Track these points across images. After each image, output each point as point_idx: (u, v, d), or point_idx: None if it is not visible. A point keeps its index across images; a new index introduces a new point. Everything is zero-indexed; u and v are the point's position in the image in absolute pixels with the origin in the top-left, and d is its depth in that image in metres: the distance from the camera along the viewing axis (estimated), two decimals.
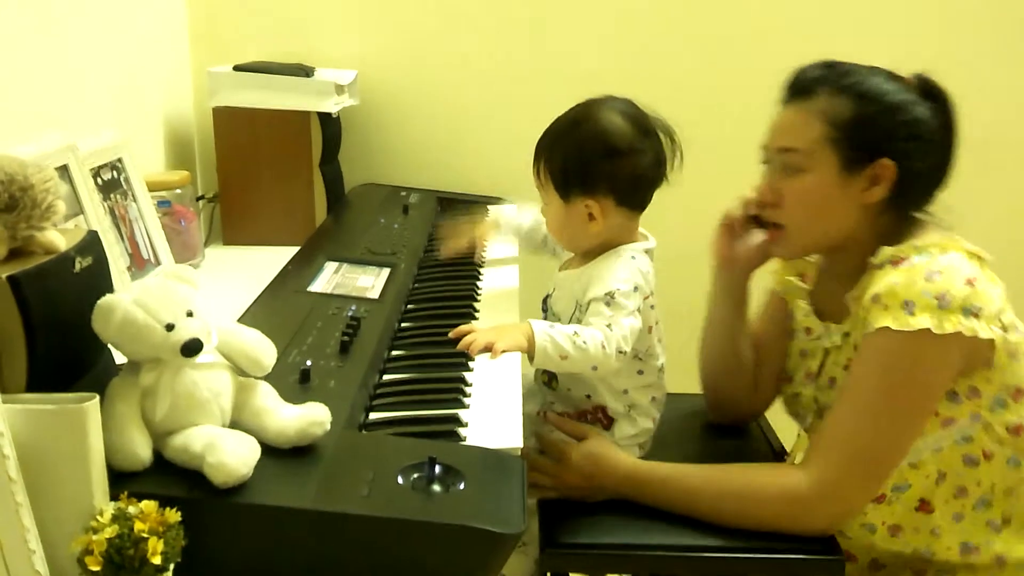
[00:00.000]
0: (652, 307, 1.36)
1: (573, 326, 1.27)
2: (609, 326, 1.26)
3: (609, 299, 1.28)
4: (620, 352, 1.26)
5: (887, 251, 1.27)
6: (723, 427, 1.62)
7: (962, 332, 1.19)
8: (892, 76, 1.32)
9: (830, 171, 1.29)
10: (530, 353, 1.24)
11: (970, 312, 1.20)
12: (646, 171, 1.34)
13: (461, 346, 1.22)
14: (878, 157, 1.27)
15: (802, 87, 1.33)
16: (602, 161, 1.32)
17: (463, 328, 1.26)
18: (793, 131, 1.32)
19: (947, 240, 1.27)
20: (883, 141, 1.28)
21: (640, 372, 1.38)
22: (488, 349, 1.20)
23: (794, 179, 1.32)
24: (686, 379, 1.64)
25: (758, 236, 1.43)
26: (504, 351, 1.21)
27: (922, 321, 1.19)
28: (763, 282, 1.56)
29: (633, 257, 1.35)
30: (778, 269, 1.53)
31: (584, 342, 1.24)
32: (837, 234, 1.33)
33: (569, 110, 1.38)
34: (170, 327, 0.90)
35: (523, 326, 1.25)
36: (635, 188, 1.34)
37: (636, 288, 1.30)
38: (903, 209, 1.32)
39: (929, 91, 1.31)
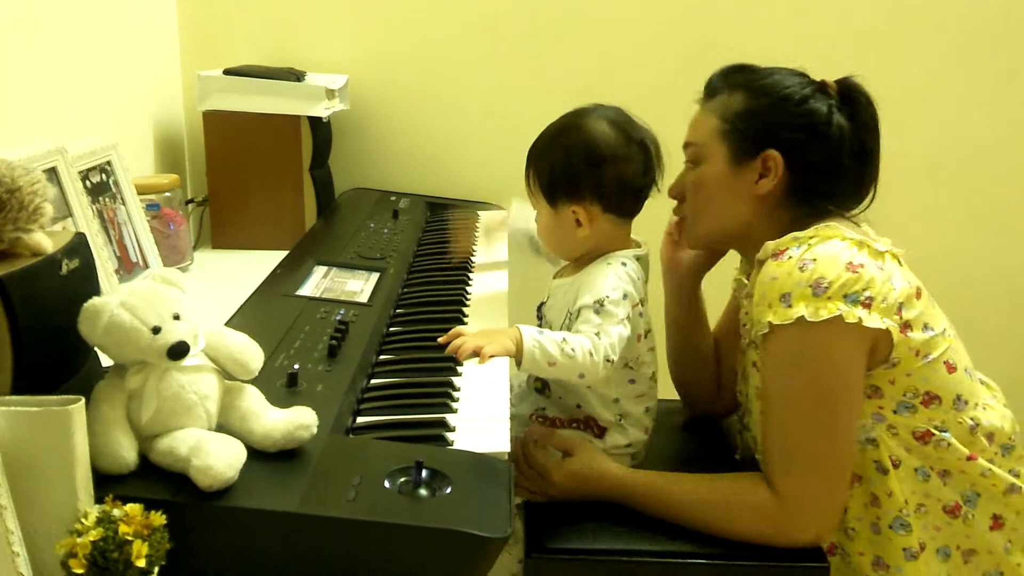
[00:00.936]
0: (641, 315, 1.37)
1: (562, 333, 1.27)
2: (598, 334, 1.26)
3: (599, 307, 1.28)
4: (608, 361, 1.26)
5: (769, 245, 1.28)
6: (702, 424, 1.63)
7: (842, 316, 1.18)
8: (797, 74, 1.34)
9: (721, 163, 1.33)
10: (518, 358, 1.24)
11: (855, 300, 1.19)
12: (632, 178, 1.35)
13: (450, 350, 1.23)
14: (766, 148, 1.30)
15: (709, 88, 1.38)
16: (587, 168, 1.33)
17: (453, 332, 1.27)
18: (694, 128, 1.37)
19: (828, 229, 1.26)
20: (770, 132, 1.30)
21: (632, 381, 1.38)
22: (476, 354, 1.21)
23: (691, 173, 1.37)
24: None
25: None
26: (492, 356, 1.22)
27: (797, 311, 1.19)
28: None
29: (624, 264, 1.35)
30: (735, 269, 1.54)
31: (572, 349, 1.24)
32: (733, 225, 1.36)
33: (558, 119, 1.40)
34: (156, 330, 0.90)
35: (512, 331, 1.25)
36: (622, 195, 1.35)
37: (625, 295, 1.31)
38: (803, 203, 1.32)
39: (848, 93, 1.32)
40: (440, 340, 1.27)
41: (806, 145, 1.29)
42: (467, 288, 1.68)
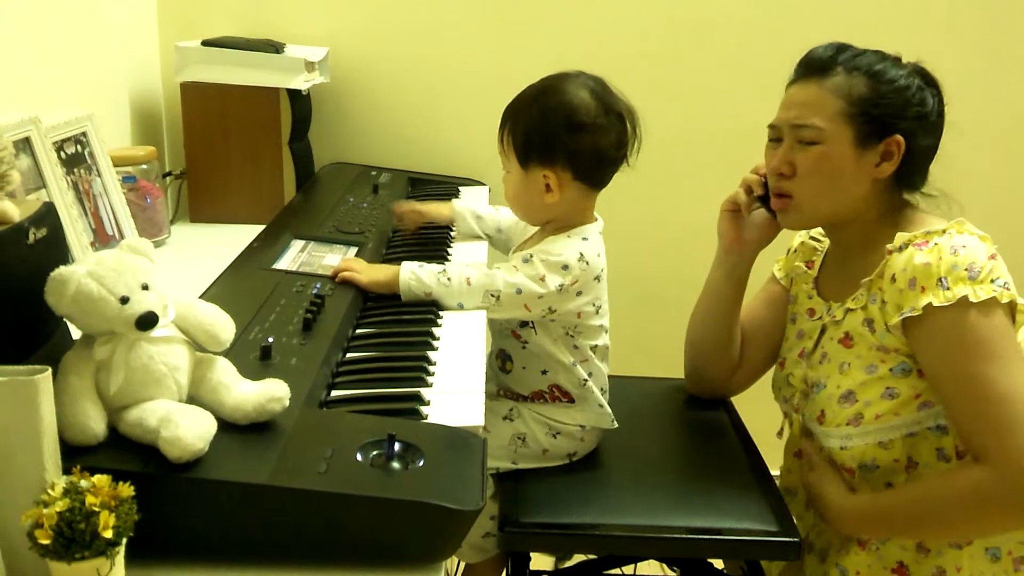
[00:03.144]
0: (598, 279, 1.37)
1: (449, 267, 1.37)
2: (498, 270, 1.32)
3: (528, 257, 1.33)
4: (491, 295, 1.32)
5: (903, 236, 1.30)
6: (691, 407, 1.64)
7: (997, 298, 1.23)
8: (896, 60, 1.36)
9: (846, 145, 1.33)
10: (396, 290, 1.37)
11: (1000, 285, 1.24)
12: (607, 149, 1.35)
13: (336, 270, 1.39)
14: (891, 134, 1.32)
15: (818, 65, 1.36)
16: (563, 132, 1.33)
17: (344, 262, 1.42)
18: (809, 107, 1.34)
19: (958, 224, 1.31)
20: (896, 119, 1.32)
21: (576, 347, 1.40)
22: (351, 281, 1.38)
23: (809, 151, 1.34)
24: (652, 363, 1.65)
25: (762, 216, 1.47)
26: (363, 285, 1.38)
27: (959, 291, 1.22)
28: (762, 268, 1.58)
29: (585, 239, 1.36)
30: (785, 256, 1.57)
31: (448, 279, 1.33)
32: (845, 207, 1.36)
33: (539, 80, 1.40)
34: (125, 300, 0.89)
35: (394, 268, 1.38)
36: (594, 164, 1.36)
37: (566, 267, 1.32)
38: (903, 187, 1.37)
39: (925, 78, 1.36)
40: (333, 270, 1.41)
41: (919, 133, 1.33)
42: (447, 262, 1.67)
